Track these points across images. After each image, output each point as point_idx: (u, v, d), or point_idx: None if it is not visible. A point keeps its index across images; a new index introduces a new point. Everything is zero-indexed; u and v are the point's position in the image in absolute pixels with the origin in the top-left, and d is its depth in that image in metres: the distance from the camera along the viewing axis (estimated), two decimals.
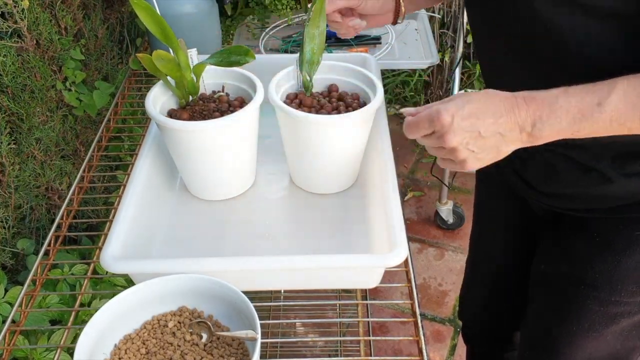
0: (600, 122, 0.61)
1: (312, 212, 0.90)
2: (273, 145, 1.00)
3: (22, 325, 0.81)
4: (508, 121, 0.62)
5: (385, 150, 0.88)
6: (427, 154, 1.13)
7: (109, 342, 0.68)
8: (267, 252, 0.83)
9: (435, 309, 1.80)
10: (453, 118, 0.62)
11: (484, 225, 1.11)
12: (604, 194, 0.78)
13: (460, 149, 0.63)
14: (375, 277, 0.78)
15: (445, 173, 1.91)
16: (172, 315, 0.71)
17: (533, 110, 0.61)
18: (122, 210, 0.79)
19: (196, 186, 0.92)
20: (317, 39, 0.85)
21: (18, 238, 1.18)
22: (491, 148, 0.63)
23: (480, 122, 0.62)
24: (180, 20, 1.22)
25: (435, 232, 2.05)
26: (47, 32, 1.18)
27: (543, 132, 0.62)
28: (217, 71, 0.90)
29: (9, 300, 1.01)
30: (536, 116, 0.61)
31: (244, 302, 0.67)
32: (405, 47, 1.54)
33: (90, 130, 1.39)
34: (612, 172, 0.76)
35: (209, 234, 0.87)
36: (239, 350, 0.68)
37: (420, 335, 0.74)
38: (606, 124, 0.61)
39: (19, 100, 1.14)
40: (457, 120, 0.62)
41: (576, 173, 0.79)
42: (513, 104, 0.62)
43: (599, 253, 0.82)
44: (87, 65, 1.36)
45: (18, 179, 1.16)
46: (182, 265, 0.71)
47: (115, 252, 0.73)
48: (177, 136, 0.83)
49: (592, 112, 0.60)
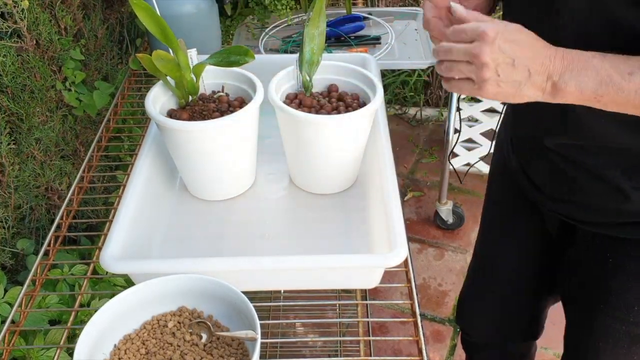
0: (625, 92, 0.61)
1: (311, 212, 0.90)
2: (273, 145, 1.00)
3: (21, 325, 0.81)
4: (541, 64, 0.62)
5: (385, 151, 0.88)
6: (427, 155, 1.12)
7: (109, 342, 0.68)
8: (266, 252, 0.83)
9: (435, 309, 1.80)
10: (497, 35, 0.62)
11: (493, 235, 1.09)
12: (617, 208, 0.78)
13: (490, 66, 0.62)
14: (375, 277, 0.78)
15: (445, 174, 1.91)
16: (171, 316, 0.71)
17: (567, 62, 0.62)
18: (122, 211, 0.79)
19: (196, 186, 0.92)
20: (317, 39, 0.85)
21: (18, 238, 1.18)
22: (514, 82, 0.63)
23: (519, 51, 0.62)
24: (180, 21, 1.22)
25: (435, 232, 2.05)
26: (47, 32, 1.18)
27: (568, 86, 0.62)
28: (217, 71, 0.90)
29: (8, 301, 1.01)
30: (567, 68, 0.62)
31: (244, 302, 0.67)
32: (405, 47, 1.54)
33: (90, 131, 1.39)
34: (625, 184, 0.75)
35: (208, 234, 0.87)
36: (239, 351, 0.68)
37: (420, 335, 0.75)
38: (631, 94, 0.61)
39: (18, 101, 1.14)
40: (500, 39, 0.62)
41: (585, 179, 0.79)
42: (552, 53, 0.63)
43: (613, 275, 0.82)
44: (87, 65, 1.36)
45: (18, 179, 1.16)
46: (182, 266, 0.71)
47: (115, 252, 0.73)
48: (176, 136, 0.83)
49: (621, 79, 0.60)
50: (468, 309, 1.20)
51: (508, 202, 1.02)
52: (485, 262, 1.13)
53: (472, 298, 1.18)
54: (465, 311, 1.21)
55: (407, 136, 2.46)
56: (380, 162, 0.87)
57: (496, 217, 1.08)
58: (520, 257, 1.05)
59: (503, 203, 1.04)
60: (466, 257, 1.95)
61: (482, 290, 1.14)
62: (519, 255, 1.05)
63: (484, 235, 1.12)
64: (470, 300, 1.19)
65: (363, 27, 1.56)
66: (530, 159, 0.87)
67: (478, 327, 1.19)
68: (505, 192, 1.02)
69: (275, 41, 1.55)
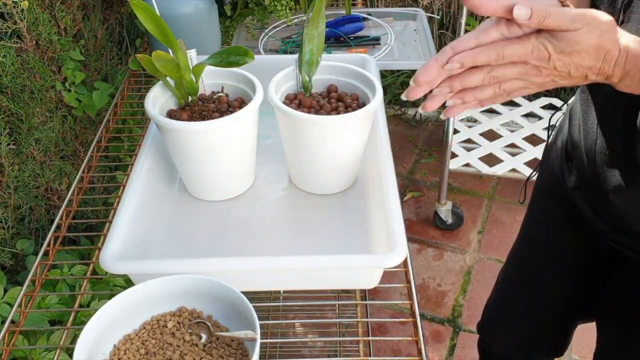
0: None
1: (311, 212, 0.90)
2: (272, 145, 1.00)
3: (21, 325, 0.81)
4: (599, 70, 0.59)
5: (385, 151, 0.88)
6: (426, 155, 1.11)
7: (108, 343, 0.68)
8: (266, 253, 0.83)
9: (434, 309, 1.80)
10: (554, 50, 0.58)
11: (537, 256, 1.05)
12: None
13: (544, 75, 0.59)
14: (374, 277, 0.78)
15: (444, 175, 1.91)
16: (171, 316, 0.71)
17: (629, 67, 0.59)
18: (122, 211, 0.79)
19: (196, 186, 0.92)
20: (317, 39, 0.86)
21: (17, 238, 1.18)
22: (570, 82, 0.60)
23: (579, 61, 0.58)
24: (180, 21, 1.22)
25: (434, 232, 2.05)
26: (47, 33, 1.18)
27: (630, 87, 0.60)
28: (217, 72, 0.91)
29: (8, 301, 1.01)
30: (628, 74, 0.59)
31: (244, 302, 0.67)
32: (405, 47, 1.54)
33: (90, 131, 1.39)
34: None
35: (208, 234, 0.87)
36: (239, 351, 0.68)
37: (420, 335, 0.75)
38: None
39: (18, 101, 1.14)
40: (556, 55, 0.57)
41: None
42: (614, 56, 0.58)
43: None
44: (87, 65, 1.36)
45: (17, 180, 1.16)
46: (182, 266, 0.71)
47: (115, 252, 0.73)
48: (176, 137, 0.83)
49: None
50: (496, 322, 1.17)
51: (556, 222, 0.98)
52: (522, 279, 1.09)
53: (502, 311, 1.15)
54: (492, 324, 1.18)
55: (406, 136, 2.46)
56: (379, 162, 0.87)
57: (542, 236, 1.03)
58: (563, 280, 1.02)
59: (551, 223, 1.00)
60: (465, 258, 1.95)
61: (514, 306, 1.11)
62: (562, 278, 1.02)
63: (523, 251, 1.08)
64: (499, 313, 1.16)
65: (362, 28, 1.56)
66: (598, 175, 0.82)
67: (504, 340, 1.17)
68: (554, 212, 0.98)
69: (274, 42, 1.55)
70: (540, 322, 1.09)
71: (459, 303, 1.82)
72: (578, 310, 1.05)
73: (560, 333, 1.10)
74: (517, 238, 1.11)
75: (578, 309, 1.05)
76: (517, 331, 1.14)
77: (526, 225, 1.08)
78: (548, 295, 1.06)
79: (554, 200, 0.97)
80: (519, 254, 1.10)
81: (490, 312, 1.19)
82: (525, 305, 1.10)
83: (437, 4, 2.26)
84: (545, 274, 1.04)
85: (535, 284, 1.07)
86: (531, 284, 1.07)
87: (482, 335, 1.23)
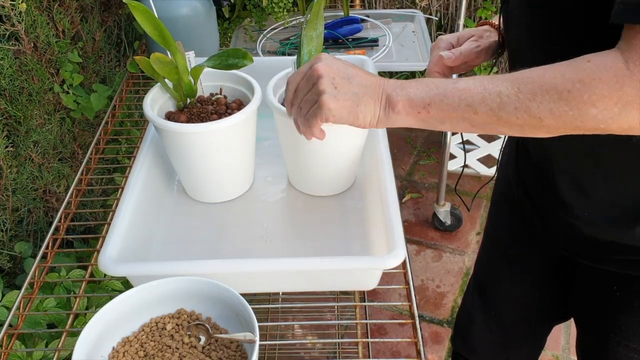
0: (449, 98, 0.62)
1: (310, 214, 0.90)
2: (271, 147, 1.00)
3: (19, 328, 0.81)
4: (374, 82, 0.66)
5: (383, 152, 0.88)
6: (425, 156, 1.11)
7: (107, 345, 0.68)
8: (265, 255, 0.83)
9: (433, 310, 1.80)
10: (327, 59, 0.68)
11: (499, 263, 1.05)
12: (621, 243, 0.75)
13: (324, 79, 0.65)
14: (373, 279, 0.78)
15: (443, 176, 1.91)
16: (170, 318, 0.71)
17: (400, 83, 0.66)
18: (120, 213, 0.79)
19: (194, 188, 0.92)
20: (315, 41, 0.85)
21: (15, 241, 1.18)
22: (352, 93, 0.66)
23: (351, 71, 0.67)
24: (178, 23, 1.22)
25: (433, 233, 2.05)
26: (45, 35, 1.18)
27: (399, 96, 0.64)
28: (215, 74, 0.91)
29: (6, 304, 1.01)
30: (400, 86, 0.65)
31: (242, 304, 0.67)
32: (403, 49, 1.55)
33: (88, 133, 1.39)
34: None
35: (206, 237, 0.87)
36: (237, 353, 0.68)
37: (419, 336, 0.75)
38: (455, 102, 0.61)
39: (16, 103, 1.14)
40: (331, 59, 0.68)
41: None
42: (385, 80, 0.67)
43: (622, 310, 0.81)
44: (85, 68, 1.36)
45: (15, 182, 1.15)
46: (180, 268, 0.71)
47: (113, 254, 0.73)
48: (174, 138, 0.83)
49: (446, 86, 0.62)
50: (467, 334, 1.15)
51: (512, 229, 0.98)
52: (487, 286, 1.09)
53: (472, 323, 1.13)
54: (465, 336, 1.16)
55: (404, 138, 2.46)
56: (378, 164, 0.87)
57: (501, 243, 1.03)
58: (525, 286, 1.02)
59: (508, 229, 1.00)
60: (464, 259, 1.95)
61: (484, 316, 1.10)
62: (525, 284, 1.01)
63: (487, 255, 1.08)
64: (469, 325, 1.14)
65: (361, 29, 1.56)
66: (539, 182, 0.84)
67: (478, 351, 1.15)
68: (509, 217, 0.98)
69: (273, 43, 1.55)
70: (513, 330, 1.08)
71: (458, 304, 1.82)
72: (548, 315, 1.04)
73: (534, 340, 1.10)
74: (480, 246, 1.10)
75: (548, 314, 1.04)
76: (490, 341, 1.12)
77: (486, 230, 1.07)
78: (516, 301, 1.04)
79: (509, 205, 0.97)
80: (482, 259, 1.10)
81: (462, 324, 1.17)
82: (494, 314, 1.08)
83: (435, 6, 2.26)
84: (508, 281, 1.03)
85: (499, 291, 1.06)
86: (495, 291, 1.07)
87: (456, 347, 1.20)
